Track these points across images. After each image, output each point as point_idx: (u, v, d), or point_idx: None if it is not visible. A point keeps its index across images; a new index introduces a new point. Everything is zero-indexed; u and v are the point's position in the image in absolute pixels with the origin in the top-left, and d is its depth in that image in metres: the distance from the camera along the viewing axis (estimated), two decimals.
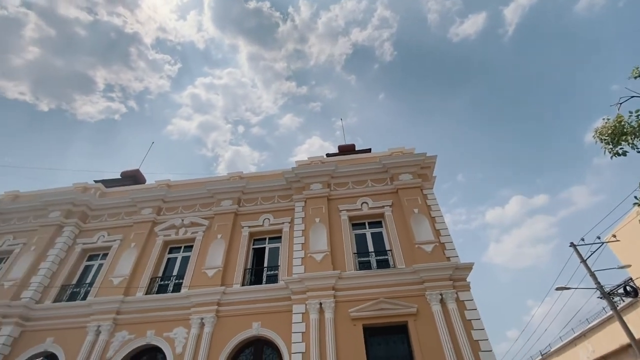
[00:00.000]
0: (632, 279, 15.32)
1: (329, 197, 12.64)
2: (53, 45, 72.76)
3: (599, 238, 14.17)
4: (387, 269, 10.29)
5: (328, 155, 15.63)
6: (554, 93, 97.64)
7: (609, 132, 5.88)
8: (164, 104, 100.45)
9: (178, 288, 11.41)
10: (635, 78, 5.92)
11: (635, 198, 5.64)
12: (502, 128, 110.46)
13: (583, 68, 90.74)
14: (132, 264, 11.89)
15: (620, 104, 5.99)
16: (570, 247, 14.76)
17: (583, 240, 14.38)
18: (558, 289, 14.82)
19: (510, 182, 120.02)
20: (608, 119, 6.01)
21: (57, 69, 78.12)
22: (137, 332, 10.30)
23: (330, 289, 9.81)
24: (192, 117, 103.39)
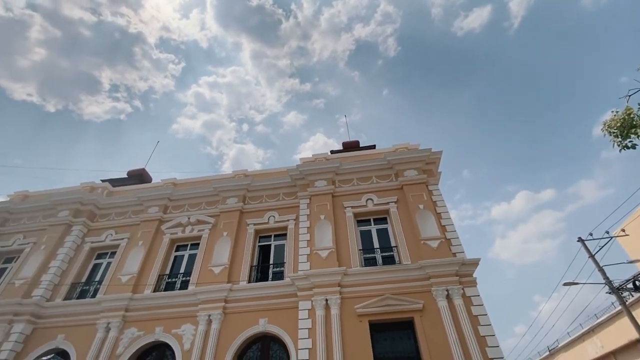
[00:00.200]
0: None
1: (334, 194, 12.64)
2: (58, 46, 73.46)
3: (608, 232, 13.98)
4: (392, 265, 10.29)
5: (332, 152, 15.63)
6: (561, 86, 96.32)
7: (618, 124, 5.78)
8: (169, 103, 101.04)
9: (185, 285, 11.53)
10: None
11: None
12: (507, 123, 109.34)
13: (590, 60, 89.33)
14: (139, 262, 12.03)
15: (629, 96, 5.88)
16: (578, 242, 14.60)
17: (591, 235, 14.22)
18: (566, 284, 14.69)
19: (516, 177, 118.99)
20: (617, 112, 5.91)
21: (63, 70, 78.93)
22: (145, 328, 10.45)
23: (336, 286, 9.84)
24: (196, 115, 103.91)
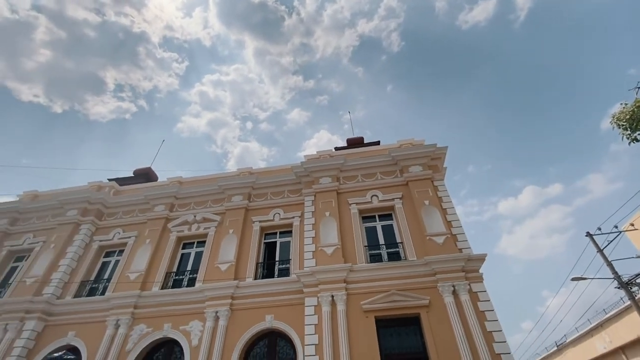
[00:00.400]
0: None
1: (339, 190, 12.64)
2: (64, 47, 74.08)
3: (617, 227, 13.80)
4: (398, 261, 10.28)
5: (337, 149, 15.60)
6: (568, 79, 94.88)
7: (627, 117, 5.70)
8: (173, 102, 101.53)
9: (192, 282, 11.65)
10: None
11: None
12: (513, 117, 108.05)
13: (598, 52, 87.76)
14: (147, 260, 12.17)
15: (639, 88, 5.79)
16: (587, 236, 14.43)
17: (600, 230, 14.04)
18: (574, 280, 14.56)
19: (523, 172, 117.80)
20: (626, 104, 5.83)
21: (68, 71, 79.65)
22: (154, 325, 10.58)
23: (342, 282, 9.87)
24: (201, 114, 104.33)
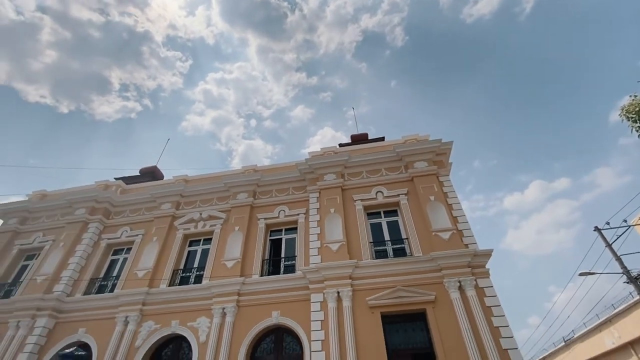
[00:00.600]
0: None
1: (343, 187, 12.63)
2: (69, 48, 74.68)
3: (626, 221, 13.62)
4: (404, 257, 10.26)
5: (341, 145, 15.56)
6: (575, 72, 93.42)
7: (637, 109, 5.61)
8: (178, 101, 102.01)
9: (199, 279, 11.76)
10: None
11: None
12: (519, 111, 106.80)
13: (606, 44, 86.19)
14: (154, 257, 12.31)
15: None
16: (595, 231, 14.28)
17: (608, 224, 13.87)
18: (582, 275, 14.43)
19: (529, 167, 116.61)
20: (635, 96, 5.73)
21: (74, 71, 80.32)
22: (162, 322, 10.72)
23: (347, 278, 9.89)
24: (205, 112, 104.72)
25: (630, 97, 5.80)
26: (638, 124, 5.64)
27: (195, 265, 12.49)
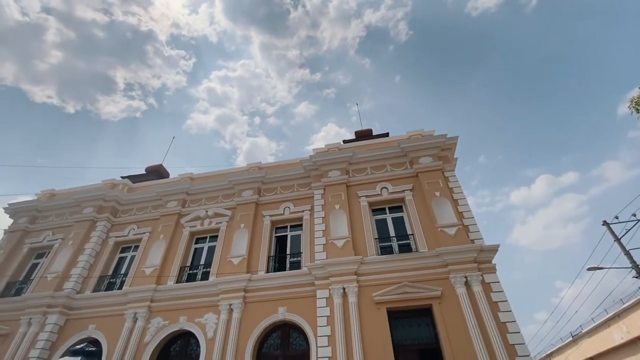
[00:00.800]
0: None
1: (348, 183, 12.62)
2: (74, 48, 75.26)
3: (635, 215, 13.43)
4: (409, 253, 10.25)
5: (345, 142, 15.53)
6: (582, 65, 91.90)
7: None
8: (182, 99, 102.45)
9: (206, 276, 11.87)
10: None
11: None
12: (525, 105, 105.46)
13: (613, 36, 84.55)
14: (161, 255, 12.44)
15: None
16: (603, 225, 14.11)
17: (617, 218, 13.71)
18: (590, 269, 14.28)
19: (536, 161, 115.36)
20: None
21: (79, 71, 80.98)
22: (170, 318, 10.86)
23: (353, 274, 9.91)
24: (209, 110, 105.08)
25: (639, 88, 5.70)
26: None
27: (202, 262, 12.61)
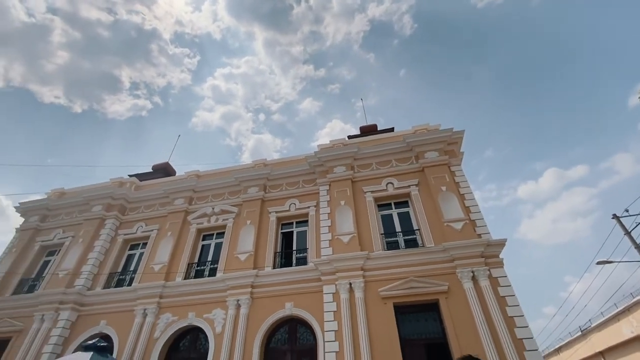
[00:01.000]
0: None
1: (353, 179, 12.60)
2: (80, 48, 75.86)
3: None
4: (415, 248, 10.23)
5: (350, 137, 15.47)
6: (591, 56, 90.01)
7: None
8: (187, 97, 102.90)
9: (214, 272, 12.00)
10: None
11: None
12: (532, 98, 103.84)
13: (623, 26, 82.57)
14: (169, 252, 12.60)
15: None
16: (613, 219, 13.93)
17: (627, 212, 13.52)
18: (599, 263, 14.12)
19: (544, 154, 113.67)
20: None
21: (85, 71, 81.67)
22: (179, 314, 11.02)
23: (359, 270, 9.93)
24: (214, 108, 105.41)
25: None
26: None
27: (209, 259, 12.74)
